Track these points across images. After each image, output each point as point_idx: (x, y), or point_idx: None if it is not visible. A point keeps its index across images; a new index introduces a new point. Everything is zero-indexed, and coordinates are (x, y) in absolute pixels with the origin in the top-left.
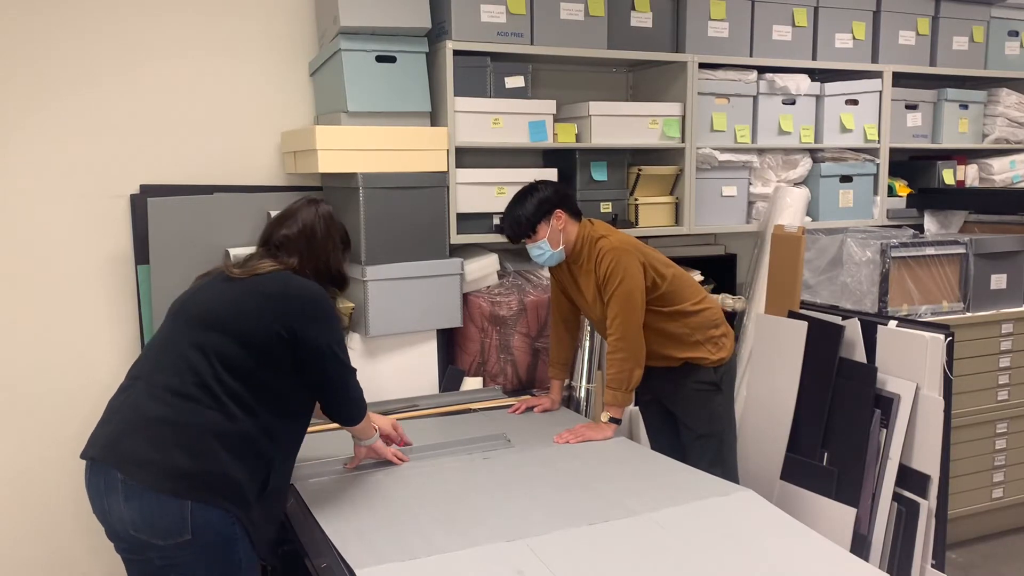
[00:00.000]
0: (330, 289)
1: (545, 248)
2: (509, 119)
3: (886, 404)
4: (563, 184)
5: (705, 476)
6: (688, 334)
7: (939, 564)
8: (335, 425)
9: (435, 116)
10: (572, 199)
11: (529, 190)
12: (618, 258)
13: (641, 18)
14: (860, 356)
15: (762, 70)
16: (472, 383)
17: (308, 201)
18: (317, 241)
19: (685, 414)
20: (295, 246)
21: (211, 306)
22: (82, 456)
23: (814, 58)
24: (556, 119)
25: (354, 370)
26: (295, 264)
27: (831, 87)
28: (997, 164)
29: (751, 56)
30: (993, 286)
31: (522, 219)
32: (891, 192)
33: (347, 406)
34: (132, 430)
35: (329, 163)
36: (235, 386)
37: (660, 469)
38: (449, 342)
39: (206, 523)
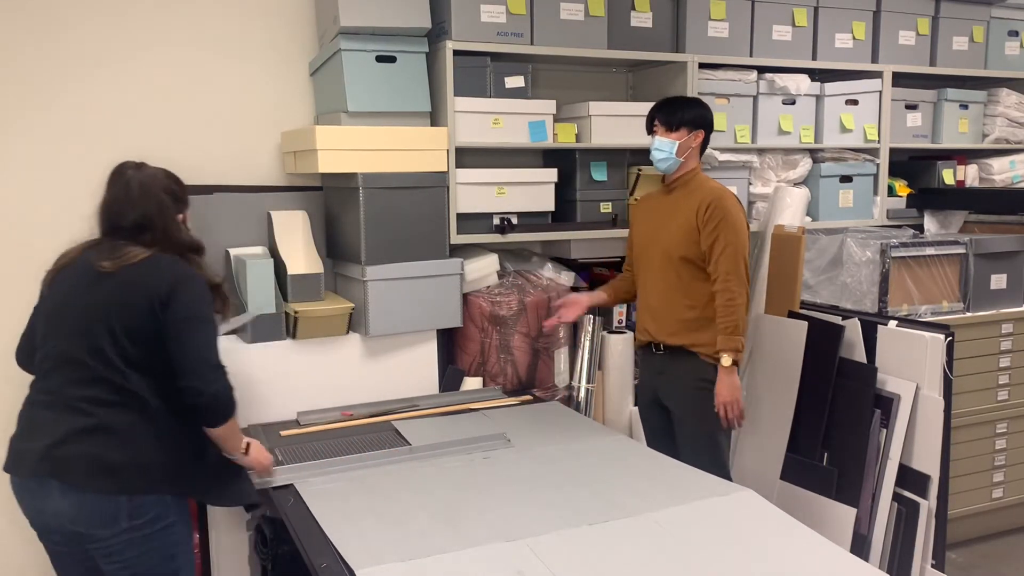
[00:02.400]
0: (191, 259)
1: (670, 150)
2: (509, 119)
3: (886, 404)
4: None
5: (705, 476)
6: (712, 316)
7: (939, 564)
8: (335, 424)
9: (435, 116)
10: (708, 140)
11: (698, 101)
12: (734, 209)
13: (641, 18)
14: (860, 356)
15: (762, 70)
16: (472, 383)
17: (120, 170)
18: (156, 220)
19: (679, 409)
20: (143, 227)
21: (97, 311)
22: (8, 471)
23: (814, 58)
24: (556, 119)
25: (221, 367)
26: (149, 241)
27: (831, 87)
28: (997, 164)
29: (751, 56)
30: (993, 286)
31: (677, 112)
32: (891, 192)
33: (207, 389)
34: (63, 442)
35: (329, 163)
36: (145, 380)
37: (660, 468)
38: (449, 342)
39: (140, 509)
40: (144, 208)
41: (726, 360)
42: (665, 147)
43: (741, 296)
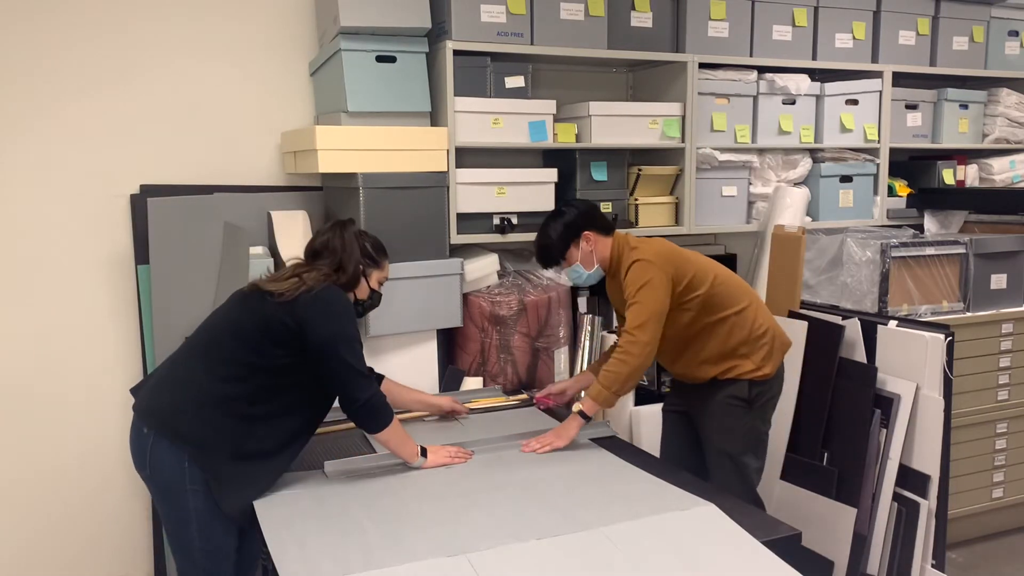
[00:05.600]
0: (354, 299)
1: (581, 271)
2: (509, 119)
3: (886, 404)
4: (589, 202)
5: (669, 488)
6: (731, 348)
7: (939, 564)
8: (329, 429)
9: (435, 116)
10: (600, 216)
11: (554, 215)
12: (642, 268)
13: (641, 18)
14: (860, 356)
15: (762, 70)
16: (472, 383)
17: (334, 224)
18: (336, 251)
19: (705, 425)
20: (320, 256)
21: (238, 296)
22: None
23: (814, 58)
24: (556, 119)
25: (363, 372)
26: (323, 267)
27: (831, 87)
28: (997, 164)
29: (751, 56)
30: (993, 286)
31: (550, 247)
32: (891, 192)
33: (353, 408)
34: (154, 373)
35: (329, 163)
36: (234, 350)
37: (626, 479)
38: (449, 342)
39: (160, 462)
40: (328, 236)
41: (577, 407)
42: (574, 274)
43: (639, 361)
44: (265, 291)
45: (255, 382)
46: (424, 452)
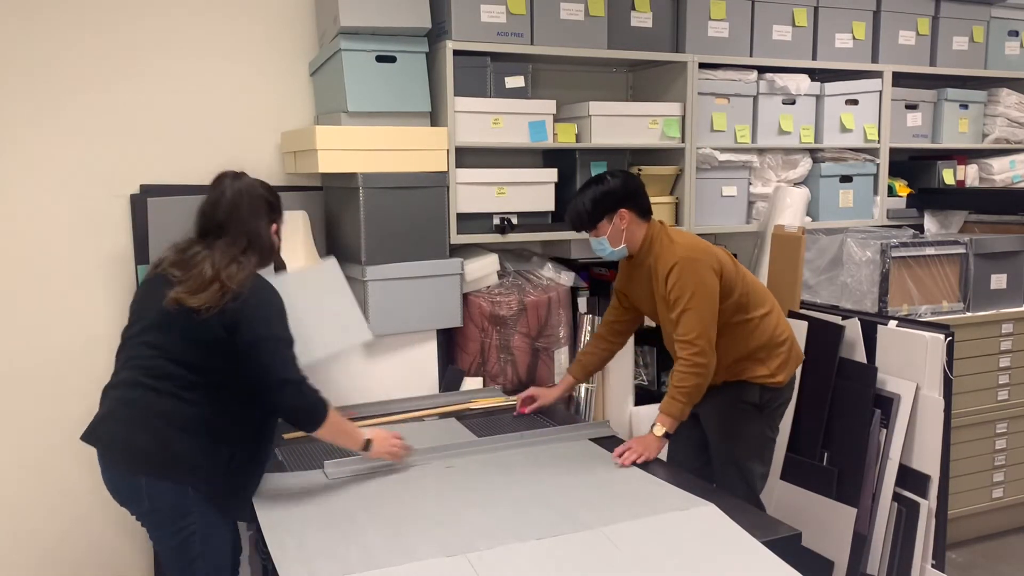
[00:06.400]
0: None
1: (606, 245)
2: (509, 119)
3: (886, 404)
4: (635, 177)
5: (669, 488)
6: (750, 351)
7: (939, 564)
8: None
9: (435, 116)
10: (641, 196)
11: (597, 180)
12: (689, 268)
13: (641, 18)
14: (860, 356)
15: (762, 70)
16: (472, 383)
17: (222, 177)
18: (243, 219)
19: (713, 427)
20: (226, 230)
21: (158, 311)
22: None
23: (814, 58)
24: (556, 119)
25: (289, 378)
26: (230, 245)
27: (831, 87)
28: (997, 164)
29: (751, 56)
30: (993, 286)
31: (583, 213)
32: (891, 192)
33: (283, 404)
34: (109, 416)
35: (329, 163)
36: (187, 376)
37: (625, 479)
38: (449, 342)
39: (159, 494)
40: (233, 203)
41: (660, 429)
42: (597, 245)
43: (708, 369)
44: (190, 309)
45: (221, 396)
46: (368, 444)
